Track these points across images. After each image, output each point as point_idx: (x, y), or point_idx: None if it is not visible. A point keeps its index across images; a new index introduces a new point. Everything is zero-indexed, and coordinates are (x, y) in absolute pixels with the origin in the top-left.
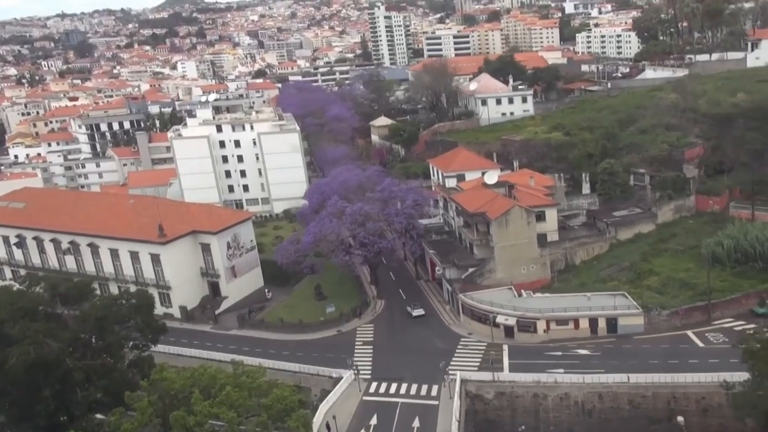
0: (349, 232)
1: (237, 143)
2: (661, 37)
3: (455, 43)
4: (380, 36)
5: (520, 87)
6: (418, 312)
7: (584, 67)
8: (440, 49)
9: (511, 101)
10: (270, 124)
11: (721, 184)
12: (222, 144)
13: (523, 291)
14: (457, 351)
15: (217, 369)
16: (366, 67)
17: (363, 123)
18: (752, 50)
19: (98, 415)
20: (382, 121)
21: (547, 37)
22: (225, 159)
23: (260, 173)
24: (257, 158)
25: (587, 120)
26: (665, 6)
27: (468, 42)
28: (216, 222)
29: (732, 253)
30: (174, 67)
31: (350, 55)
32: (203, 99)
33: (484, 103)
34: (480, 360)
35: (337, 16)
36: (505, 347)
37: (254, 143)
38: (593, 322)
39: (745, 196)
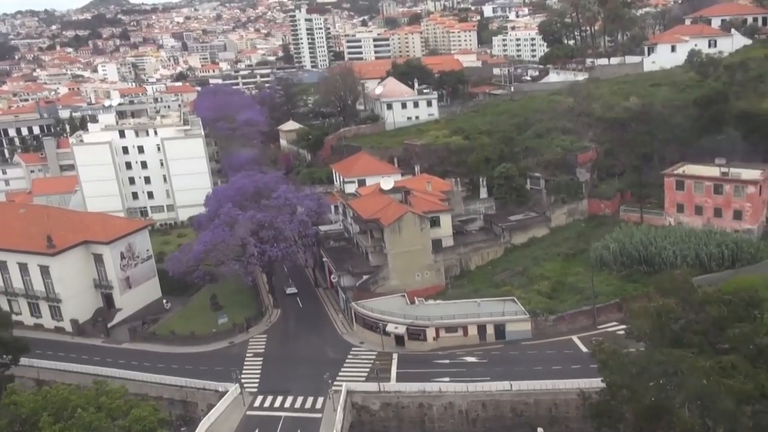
0: (241, 240)
1: (141, 149)
2: (566, 41)
3: (375, 45)
4: (301, 39)
5: (425, 91)
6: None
7: (496, 71)
8: (360, 52)
9: (416, 105)
10: (174, 129)
11: (613, 188)
12: (125, 150)
13: (416, 298)
14: (347, 361)
15: (71, 390)
16: (286, 70)
17: (276, 127)
18: (649, 54)
19: None
20: (290, 125)
21: (465, 40)
22: (128, 165)
23: (165, 180)
24: (162, 164)
25: (487, 124)
26: (569, 10)
27: (388, 45)
28: (109, 231)
29: (618, 257)
30: (95, 70)
31: (272, 58)
32: (107, 103)
33: (389, 107)
34: (368, 370)
35: (262, 18)
36: (395, 356)
37: (158, 149)
38: (482, 328)
39: (636, 200)
